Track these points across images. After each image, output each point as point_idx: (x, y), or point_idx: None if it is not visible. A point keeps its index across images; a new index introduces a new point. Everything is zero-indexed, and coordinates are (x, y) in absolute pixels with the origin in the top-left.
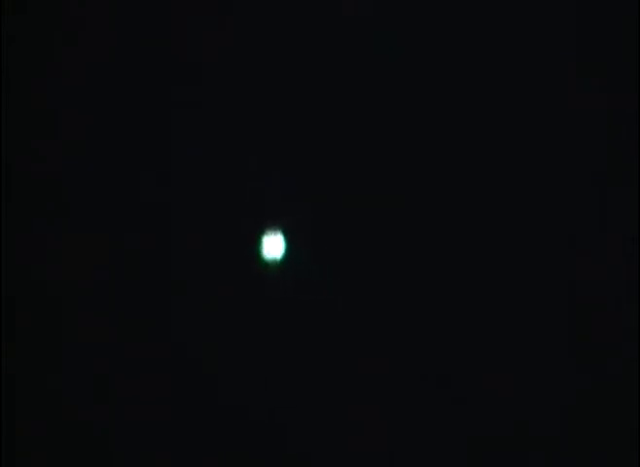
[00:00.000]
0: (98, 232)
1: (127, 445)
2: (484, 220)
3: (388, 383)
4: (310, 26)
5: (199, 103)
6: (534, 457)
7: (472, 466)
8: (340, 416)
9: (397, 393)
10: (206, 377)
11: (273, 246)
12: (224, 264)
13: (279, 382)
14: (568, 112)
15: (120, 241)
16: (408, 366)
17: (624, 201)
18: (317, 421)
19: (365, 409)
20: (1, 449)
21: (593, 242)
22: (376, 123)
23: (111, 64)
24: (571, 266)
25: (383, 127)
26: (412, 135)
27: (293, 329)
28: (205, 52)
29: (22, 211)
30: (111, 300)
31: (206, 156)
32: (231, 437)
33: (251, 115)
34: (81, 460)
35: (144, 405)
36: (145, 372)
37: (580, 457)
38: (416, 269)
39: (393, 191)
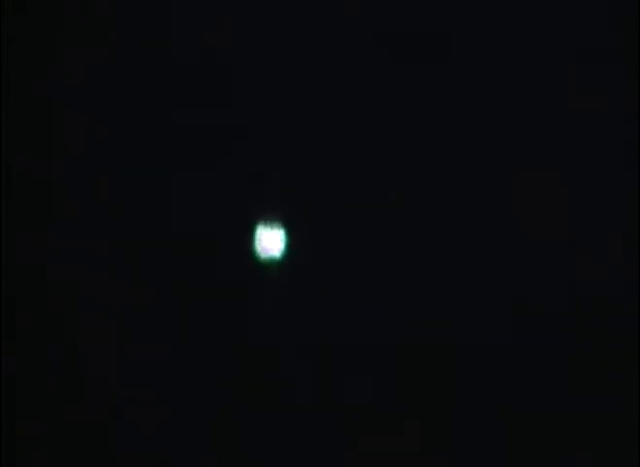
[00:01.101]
0: (98, 231)
1: (127, 445)
2: (484, 220)
3: (388, 382)
4: (310, 26)
5: (199, 103)
6: (534, 457)
7: (472, 466)
8: (340, 416)
9: (397, 392)
10: (207, 376)
11: (271, 244)
12: (225, 263)
13: (280, 381)
14: (568, 112)
15: (120, 241)
16: (408, 365)
17: (624, 201)
18: (317, 421)
19: (365, 409)
20: (1, 449)
21: (593, 242)
22: (377, 122)
23: (111, 64)
24: (571, 266)
25: (384, 126)
26: (413, 134)
27: (292, 328)
28: (205, 52)
29: (22, 211)
30: (111, 300)
31: (208, 155)
32: (230, 437)
33: (252, 114)
34: (81, 460)
35: (144, 405)
36: (145, 372)
37: (580, 457)
38: (417, 270)
39: (394, 190)
